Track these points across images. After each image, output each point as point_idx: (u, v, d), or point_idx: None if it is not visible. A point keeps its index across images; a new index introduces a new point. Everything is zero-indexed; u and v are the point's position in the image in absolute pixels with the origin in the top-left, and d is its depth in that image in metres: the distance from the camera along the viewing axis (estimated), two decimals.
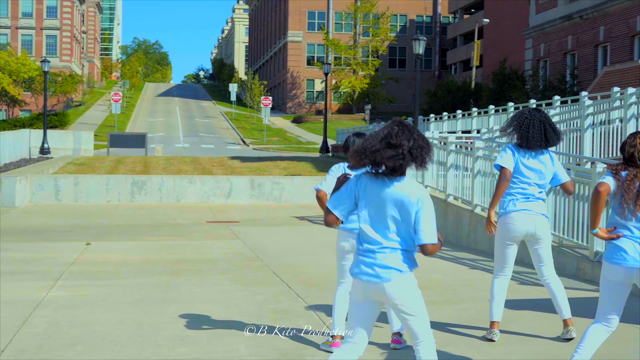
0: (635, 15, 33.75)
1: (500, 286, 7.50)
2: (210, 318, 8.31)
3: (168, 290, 10.07)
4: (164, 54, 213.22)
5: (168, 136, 67.18)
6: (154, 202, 26.61)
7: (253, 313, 8.61)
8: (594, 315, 8.51)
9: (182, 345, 7.16)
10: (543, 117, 7.27)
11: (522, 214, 7.22)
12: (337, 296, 6.92)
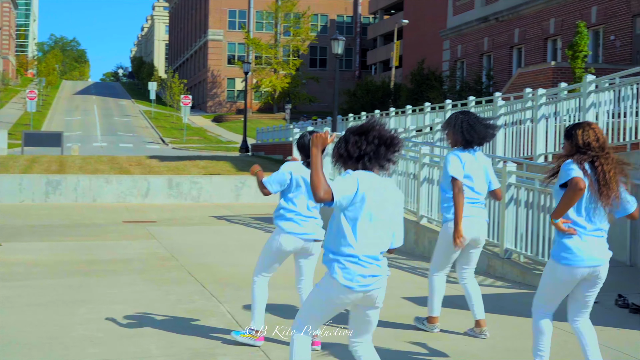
0: (549, 18, 34.58)
1: (441, 282, 7.63)
2: (122, 318, 8.22)
3: (80, 291, 9.93)
4: (82, 52, 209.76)
5: (85, 135, 66.10)
6: (69, 202, 26.17)
7: (166, 313, 8.55)
8: (504, 311, 8.73)
9: (91, 347, 7.07)
10: (476, 116, 7.39)
11: (470, 219, 7.32)
12: (258, 290, 6.94)
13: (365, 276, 4.71)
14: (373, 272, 4.74)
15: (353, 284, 4.69)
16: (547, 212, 10.19)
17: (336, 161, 4.80)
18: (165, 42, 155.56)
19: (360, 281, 4.70)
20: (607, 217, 5.76)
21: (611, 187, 5.54)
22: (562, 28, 33.40)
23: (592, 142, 5.62)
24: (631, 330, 7.92)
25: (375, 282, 4.75)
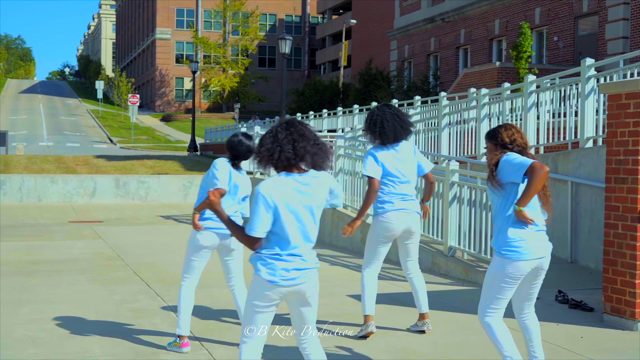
0: (494, 19, 35.02)
1: (370, 279, 7.54)
2: (65, 319, 8.18)
3: (23, 292, 9.84)
4: (27, 50, 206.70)
5: (31, 134, 65.20)
6: (14, 202, 25.83)
7: (110, 313, 8.53)
8: (447, 307, 8.86)
9: (33, 347, 7.03)
10: (394, 111, 7.40)
11: (399, 213, 7.34)
12: (185, 294, 6.94)
13: (288, 270, 4.70)
14: (297, 266, 4.73)
15: (276, 279, 4.69)
16: (489, 210, 10.35)
17: (258, 163, 4.79)
18: (112, 41, 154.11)
19: (285, 275, 4.70)
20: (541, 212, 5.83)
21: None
22: (506, 29, 33.86)
23: (517, 138, 5.76)
24: (570, 325, 8.10)
25: (301, 276, 4.74)
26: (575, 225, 12.06)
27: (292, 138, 4.69)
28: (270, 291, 4.71)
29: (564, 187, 12.33)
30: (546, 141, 13.89)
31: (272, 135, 4.72)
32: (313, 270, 4.82)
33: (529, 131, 13.91)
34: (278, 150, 4.67)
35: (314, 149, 4.73)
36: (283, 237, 4.69)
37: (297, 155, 4.69)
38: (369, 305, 7.47)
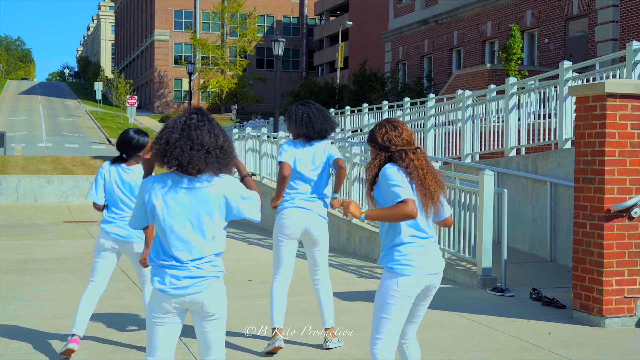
0: (486, 21, 35.27)
1: (278, 288, 7.04)
2: (50, 315, 8.45)
3: (11, 289, 10.11)
4: (27, 51, 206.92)
5: (30, 135, 65.41)
6: (10, 202, 26.09)
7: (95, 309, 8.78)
8: None
9: (17, 342, 7.29)
10: (312, 109, 7.06)
11: (297, 210, 6.97)
12: (85, 297, 6.95)
13: (179, 278, 4.31)
14: (191, 274, 4.32)
15: (166, 287, 4.31)
16: (468, 210, 10.60)
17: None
18: (111, 42, 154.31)
19: (176, 284, 4.32)
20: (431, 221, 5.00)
21: (427, 185, 4.86)
22: (498, 31, 34.11)
23: (393, 137, 4.95)
24: (539, 321, 8.35)
25: (194, 285, 4.33)
26: (554, 225, 12.32)
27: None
28: (162, 302, 4.41)
29: (543, 187, 12.59)
30: (527, 142, 14.15)
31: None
32: (211, 280, 4.42)
33: (511, 132, 14.18)
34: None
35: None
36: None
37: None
38: (276, 317, 6.95)
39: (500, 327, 8.01)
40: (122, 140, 6.83)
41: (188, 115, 4.32)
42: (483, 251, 10.10)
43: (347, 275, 11.49)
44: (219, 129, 4.36)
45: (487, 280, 10.10)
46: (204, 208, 4.31)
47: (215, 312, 4.41)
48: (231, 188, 4.35)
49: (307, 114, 6.99)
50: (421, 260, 4.83)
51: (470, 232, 10.57)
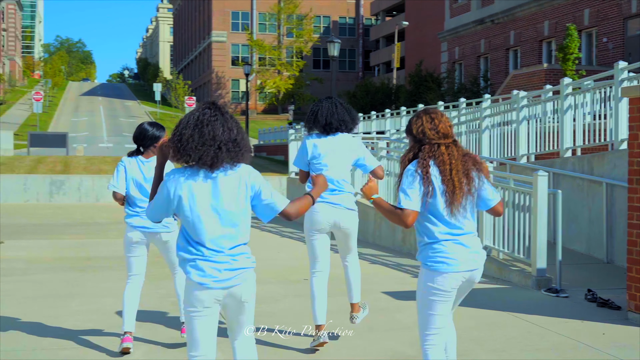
0: (543, 20, 35.01)
1: (318, 284, 7.12)
2: (110, 310, 8.73)
3: (75, 285, 10.45)
4: (88, 53, 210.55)
5: (91, 136, 66.65)
6: (72, 202, 26.74)
7: (153, 305, 9.05)
8: (475, 304, 9.19)
9: (80, 335, 7.56)
10: (335, 102, 7.12)
11: (325, 206, 7.01)
12: (127, 294, 7.08)
13: (220, 270, 4.40)
14: (231, 267, 4.42)
15: (205, 280, 4.39)
16: (522, 210, 10.63)
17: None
18: (170, 44, 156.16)
19: (217, 276, 4.40)
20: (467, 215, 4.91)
21: (453, 181, 4.79)
22: (555, 30, 33.83)
23: (427, 130, 4.87)
24: (594, 322, 8.36)
25: (234, 277, 4.43)
26: (610, 226, 12.26)
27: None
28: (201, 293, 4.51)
29: (599, 188, 12.54)
30: (582, 143, 14.10)
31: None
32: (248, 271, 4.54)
33: (566, 133, 14.13)
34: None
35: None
36: None
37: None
38: (318, 313, 7.03)
39: (554, 327, 8.05)
40: (138, 133, 6.94)
41: (201, 110, 4.42)
42: (537, 252, 10.13)
43: (402, 275, 11.61)
44: (233, 121, 4.45)
45: (542, 280, 10.12)
46: (228, 197, 4.39)
47: (249, 301, 4.51)
48: (251, 175, 4.45)
49: (315, 109, 7.10)
50: (457, 256, 4.81)
51: (524, 232, 10.59)
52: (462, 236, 4.85)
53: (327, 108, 7.06)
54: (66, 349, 7.09)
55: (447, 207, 4.79)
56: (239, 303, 4.48)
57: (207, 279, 4.35)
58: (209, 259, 4.37)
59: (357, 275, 7.33)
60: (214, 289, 4.37)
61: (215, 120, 4.37)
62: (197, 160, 4.30)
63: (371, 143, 16.79)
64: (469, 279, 4.91)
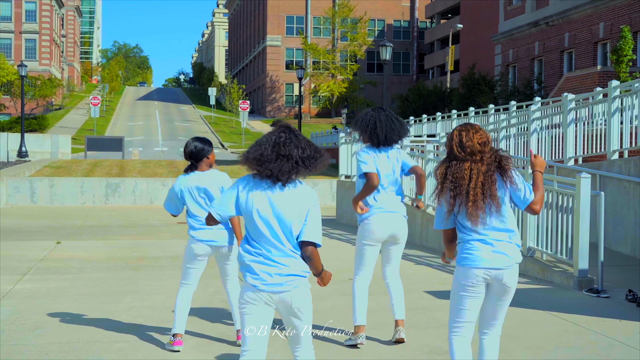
0: (598, 22, 34.75)
1: (360, 288, 7.39)
2: (162, 306, 9.08)
3: (127, 283, 10.84)
4: (145, 58, 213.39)
5: (147, 140, 67.74)
6: (127, 204, 27.33)
7: (203, 302, 9.38)
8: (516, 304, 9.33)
9: (132, 330, 7.91)
10: (388, 114, 7.35)
11: (384, 216, 7.26)
12: (180, 297, 7.31)
13: (271, 274, 4.74)
14: (281, 272, 4.75)
15: (257, 283, 4.74)
16: (565, 212, 10.73)
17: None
18: (225, 48, 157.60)
19: (266, 280, 4.74)
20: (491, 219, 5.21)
21: (469, 195, 5.11)
22: (611, 32, 33.57)
23: (455, 147, 5.21)
24: (632, 321, 8.45)
25: (286, 283, 4.76)
26: None
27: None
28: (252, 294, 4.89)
29: None
30: (629, 145, 14.10)
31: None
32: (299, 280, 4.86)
33: (613, 136, 14.15)
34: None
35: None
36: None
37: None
38: (359, 315, 7.31)
39: (591, 326, 8.17)
40: (192, 150, 7.18)
41: (277, 134, 4.89)
42: (579, 253, 10.23)
43: (445, 275, 11.78)
44: (305, 142, 4.92)
45: (584, 281, 10.22)
46: (290, 209, 4.81)
47: (303, 311, 4.87)
48: (312, 198, 4.90)
49: (373, 121, 7.25)
50: (479, 253, 5.15)
51: (567, 234, 10.68)
52: (489, 237, 5.18)
53: (386, 123, 7.26)
54: (118, 342, 7.43)
55: (468, 219, 5.17)
56: (289, 310, 4.85)
57: (259, 282, 4.74)
58: (263, 263, 4.79)
59: (400, 293, 7.53)
60: (264, 291, 4.77)
61: (290, 142, 4.85)
62: (277, 173, 4.78)
63: (420, 146, 16.95)
64: (495, 278, 5.21)
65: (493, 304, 5.39)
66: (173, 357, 6.95)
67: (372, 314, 8.16)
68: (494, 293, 5.32)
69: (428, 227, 15.24)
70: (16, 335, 7.63)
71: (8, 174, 27.89)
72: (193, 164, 7.25)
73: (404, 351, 7.27)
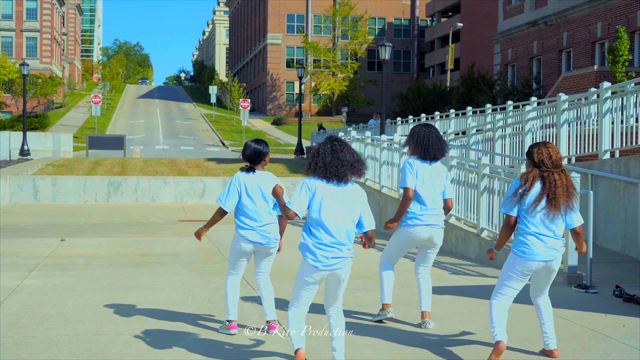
0: (596, 22, 35.06)
1: (388, 274, 8.40)
2: (165, 301, 9.42)
3: (131, 279, 11.18)
4: (145, 56, 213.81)
5: (148, 138, 68.03)
6: (129, 202, 27.63)
7: (204, 297, 9.72)
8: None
9: (136, 323, 8.25)
10: (432, 133, 8.07)
11: (423, 228, 8.07)
12: (230, 286, 7.88)
13: (328, 258, 6.25)
14: (337, 255, 6.30)
15: (318, 264, 6.26)
16: None
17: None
18: (225, 46, 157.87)
19: (325, 261, 6.26)
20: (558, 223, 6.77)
21: (557, 198, 6.65)
22: (608, 32, 33.86)
23: (545, 159, 6.68)
24: (617, 315, 8.79)
25: (339, 262, 6.31)
26: None
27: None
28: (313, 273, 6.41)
29: (635, 189, 12.89)
30: (620, 145, 14.41)
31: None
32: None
33: (604, 136, 14.48)
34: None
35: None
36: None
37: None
38: (387, 294, 8.37)
39: (577, 320, 8.50)
40: (252, 152, 7.68)
41: (331, 144, 6.35)
42: (569, 250, 10.55)
43: (440, 272, 12.11)
44: (352, 149, 6.42)
45: (573, 277, 10.56)
46: (350, 203, 6.31)
47: (346, 279, 6.41)
48: (364, 195, 6.46)
49: (427, 136, 8.04)
50: (534, 249, 6.71)
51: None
52: (547, 236, 6.73)
53: (435, 142, 8.05)
54: (124, 334, 7.77)
55: (546, 214, 6.68)
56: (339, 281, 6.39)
57: (319, 263, 6.25)
58: (326, 249, 6.31)
59: (429, 286, 8.38)
60: (322, 270, 6.31)
61: (343, 149, 6.32)
62: (343, 176, 6.26)
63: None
64: (546, 267, 6.83)
65: (541, 282, 7.12)
66: (178, 348, 7.27)
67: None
68: (541, 276, 6.98)
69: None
70: (26, 328, 7.97)
71: (11, 172, 28.19)
72: (251, 166, 7.72)
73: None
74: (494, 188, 12.91)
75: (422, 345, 7.49)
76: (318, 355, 7.04)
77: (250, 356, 7.08)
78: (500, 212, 12.77)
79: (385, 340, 7.65)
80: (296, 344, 6.30)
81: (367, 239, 6.42)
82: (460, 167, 14.46)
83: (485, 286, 10.76)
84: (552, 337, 7.08)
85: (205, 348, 7.31)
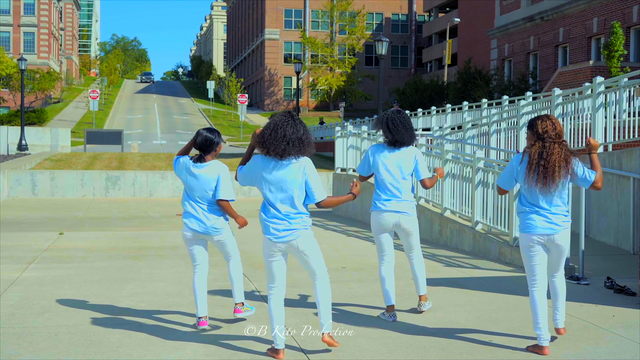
0: (592, 17, 35.19)
1: (385, 271, 8.23)
2: (163, 293, 9.56)
3: (129, 271, 11.32)
4: (143, 51, 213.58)
5: (146, 133, 68.13)
6: (127, 197, 27.79)
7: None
8: (500, 290, 9.81)
9: (134, 314, 8.39)
10: (401, 117, 8.07)
11: (388, 214, 8.09)
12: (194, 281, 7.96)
13: (279, 230, 6.46)
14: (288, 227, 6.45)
15: (270, 237, 6.53)
16: None
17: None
18: (223, 42, 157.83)
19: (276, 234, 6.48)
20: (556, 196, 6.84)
21: (555, 169, 6.71)
22: (604, 27, 34.00)
23: (550, 130, 6.72)
24: (607, 306, 8.93)
25: (290, 234, 6.46)
26: (638, 219, 12.73)
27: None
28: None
29: (627, 182, 13.03)
30: (612, 139, 14.55)
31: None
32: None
33: (598, 130, 14.61)
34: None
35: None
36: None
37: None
38: (388, 296, 8.20)
39: (568, 311, 8.62)
40: (203, 140, 7.53)
41: (279, 117, 6.38)
42: None
43: (435, 264, 12.26)
44: (301, 125, 6.38)
45: (565, 269, 10.64)
46: (290, 178, 6.35)
47: (308, 251, 6.50)
48: (308, 165, 6.41)
49: (393, 122, 8.01)
50: (534, 223, 6.82)
51: None
52: (545, 210, 6.80)
53: (401, 128, 8.02)
54: (122, 324, 7.91)
55: (540, 189, 6.74)
56: (298, 252, 6.52)
57: (271, 235, 6.50)
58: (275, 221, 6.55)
59: (421, 271, 8.48)
60: (276, 242, 6.56)
61: (287, 124, 6.30)
62: (273, 151, 6.26)
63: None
64: (549, 240, 6.84)
65: (554, 261, 7.13)
66: (173, 337, 7.41)
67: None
68: (552, 253, 6.99)
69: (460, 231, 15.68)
70: (26, 319, 8.11)
71: (9, 167, 28.31)
72: (202, 155, 7.59)
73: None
74: (488, 182, 13.07)
75: (416, 333, 7.63)
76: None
77: (245, 345, 7.21)
78: (494, 206, 12.94)
79: (380, 329, 7.79)
80: (278, 344, 6.58)
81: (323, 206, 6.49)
82: (455, 161, 14.61)
83: (478, 278, 10.92)
84: (561, 317, 7.30)
85: (202, 337, 7.44)
